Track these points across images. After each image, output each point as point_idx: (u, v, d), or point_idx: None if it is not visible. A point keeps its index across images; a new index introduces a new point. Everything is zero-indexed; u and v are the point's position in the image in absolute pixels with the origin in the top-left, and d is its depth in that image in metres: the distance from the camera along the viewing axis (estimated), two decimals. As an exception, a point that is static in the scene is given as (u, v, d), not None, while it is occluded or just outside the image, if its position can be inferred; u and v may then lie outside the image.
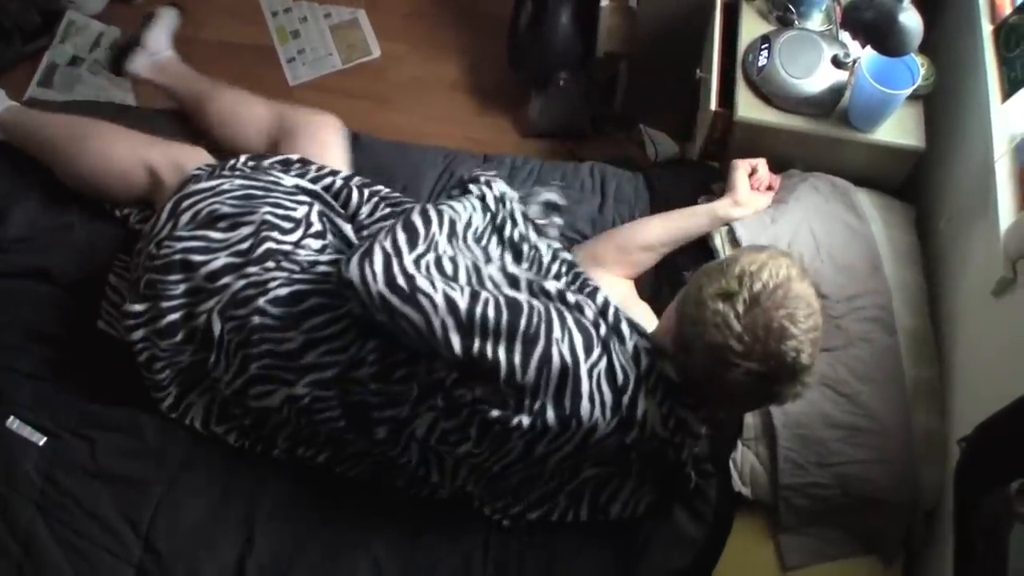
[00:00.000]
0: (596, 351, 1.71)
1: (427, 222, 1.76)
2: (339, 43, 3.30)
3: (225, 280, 1.89)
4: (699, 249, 2.16)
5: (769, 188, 2.20)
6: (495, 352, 1.65)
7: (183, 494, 1.98)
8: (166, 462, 2.00)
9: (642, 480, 1.94)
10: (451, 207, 1.86)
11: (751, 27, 2.39)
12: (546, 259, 1.98)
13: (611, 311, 1.80)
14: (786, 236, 2.11)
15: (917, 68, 2.13)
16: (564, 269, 1.96)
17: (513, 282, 1.81)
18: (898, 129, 2.24)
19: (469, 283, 1.73)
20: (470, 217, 1.91)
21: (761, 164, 2.19)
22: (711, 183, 2.31)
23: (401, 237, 1.70)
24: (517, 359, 1.65)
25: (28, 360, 2.10)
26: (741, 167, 2.16)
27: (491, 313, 1.65)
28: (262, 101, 2.40)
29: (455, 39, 3.35)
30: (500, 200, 2.01)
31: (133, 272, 2.02)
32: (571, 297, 1.78)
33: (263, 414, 1.94)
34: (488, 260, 1.88)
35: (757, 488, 2.00)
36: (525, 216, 2.04)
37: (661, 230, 2.13)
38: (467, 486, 1.94)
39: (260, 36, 3.28)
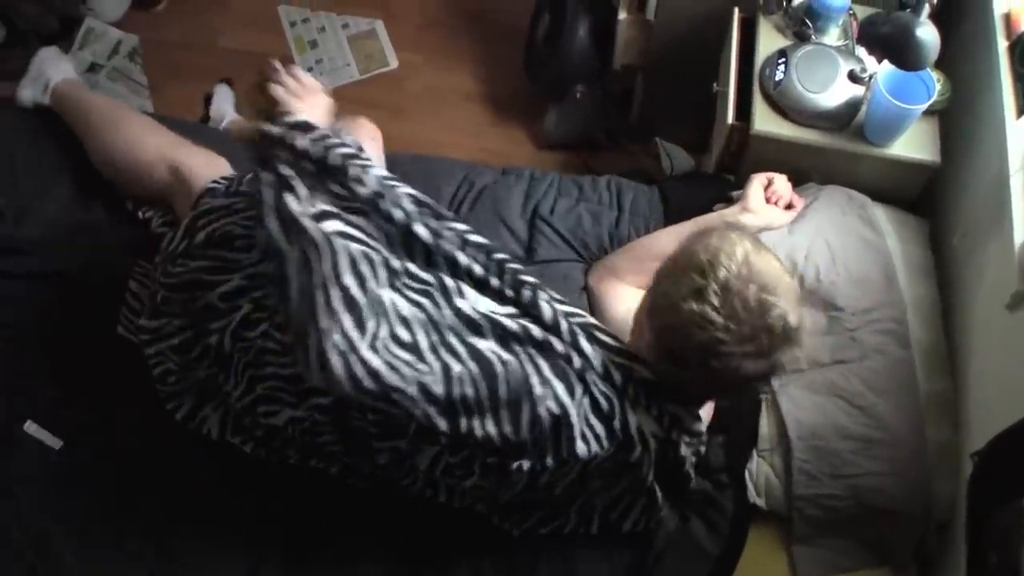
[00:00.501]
0: (578, 390, 1.69)
1: (361, 280, 1.60)
2: (357, 53, 3.35)
3: (237, 301, 1.91)
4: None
5: (790, 207, 2.21)
6: (484, 427, 1.63)
7: (197, 499, 2.02)
8: (180, 467, 2.04)
9: (652, 496, 1.93)
10: (367, 244, 1.70)
11: (768, 41, 2.43)
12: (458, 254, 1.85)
13: (564, 326, 1.75)
14: (803, 248, 2.15)
15: (933, 83, 2.17)
16: (484, 257, 1.85)
17: (475, 329, 1.73)
18: (913, 144, 2.28)
19: (433, 349, 1.65)
20: (384, 256, 1.75)
21: (779, 178, 2.21)
22: (726, 196, 2.34)
23: (347, 321, 1.54)
24: (507, 428, 1.64)
25: (45, 363, 2.13)
26: (757, 179, 2.19)
27: (469, 391, 1.61)
28: None
29: (471, 50, 3.39)
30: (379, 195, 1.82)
31: (151, 285, 2.06)
32: (537, 332, 1.73)
33: (272, 429, 1.97)
34: (436, 302, 1.76)
35: (771, 499, 2.04)
36: (417, 200, 1.86)
37: (674, 240, 2.15)
38: (476, 505, 1.97)
39: (278, 45, 3.33)
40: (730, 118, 2.39)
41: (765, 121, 2.33)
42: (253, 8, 3.40)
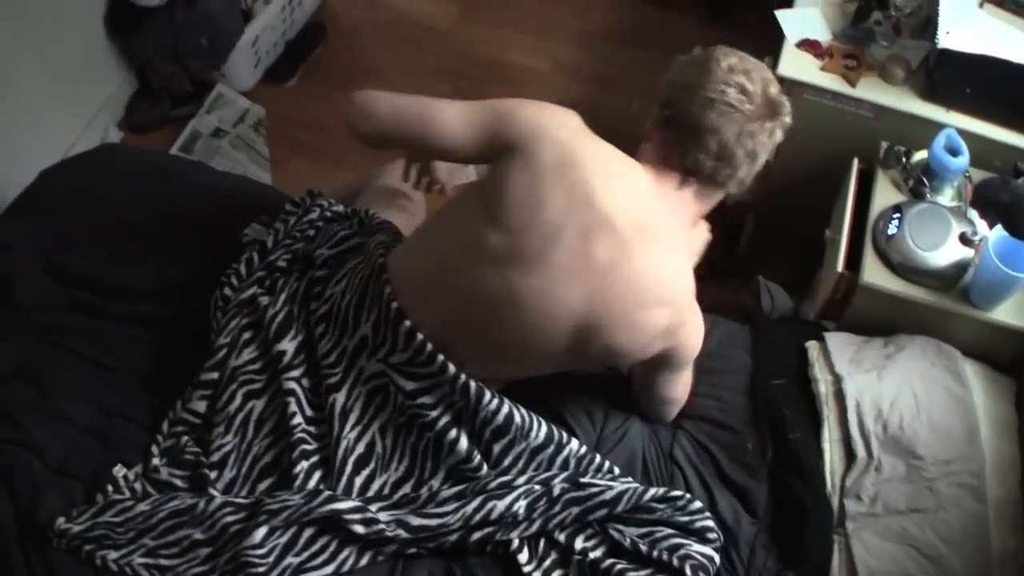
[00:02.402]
0: None
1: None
2: (479, 168, 3.54)
3: None
4: (801, 394, 2.39)
5: None
6: None
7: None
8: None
9: None
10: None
11: (884, 195, 2.63)
12: None
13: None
14: (890, 395, 2.31)
15: (1042, 253, 2.34)
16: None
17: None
18: (1015, 310, 2.43)
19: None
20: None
21: None
22: (815, 339, 2.51)
23: None
24: None
25: (140, 409, 2.29)
26: None
27: None
28: None
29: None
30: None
31: None
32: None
33: None
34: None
35: (836, 643, 2.16)
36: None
37: None
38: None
39: (398, 137, 3.59)
40: (840, 267, 2.56)
41: (874, 273, 2.50)
42: (380, 98, 3.69)
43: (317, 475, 2.11)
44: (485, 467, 2.11)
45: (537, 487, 2.08)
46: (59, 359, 2.33)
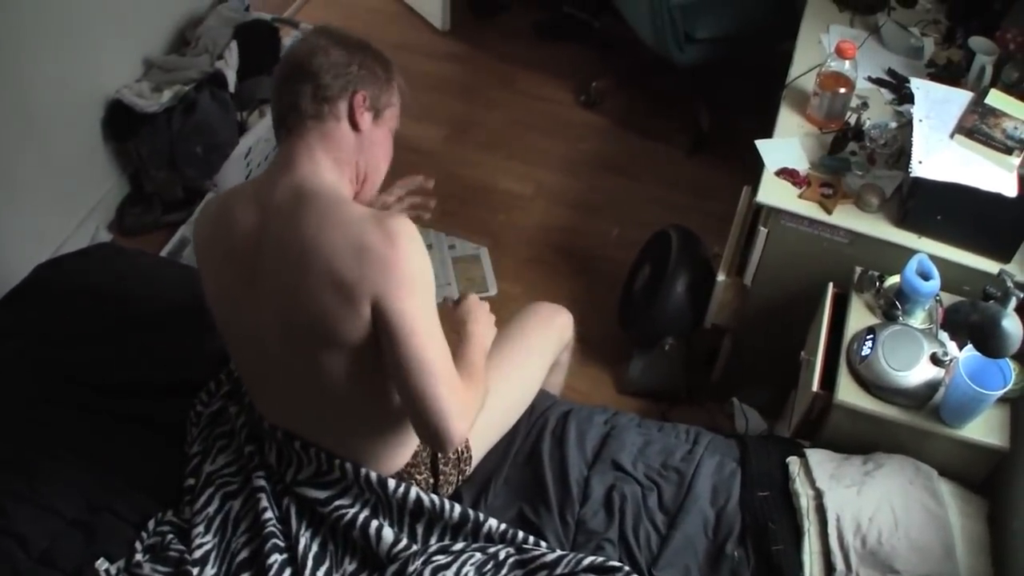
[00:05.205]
0: None
1: None
2: (459, 275, 3.67)
3: None
4: (785, 507, 2.44)
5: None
6: None
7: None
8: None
9: None
10: None
11: (858, 318, 2.70)
12: None
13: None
14: (869, 510, 2.35)
15: (1010, 372, 2.42)
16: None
17: None
18: (985, 428, 2.49)
19: None
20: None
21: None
22: (797, 455, 2.57)
23: None
24: None
25: (130, 507, 2.32)
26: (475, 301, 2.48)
27: None
28: None
29: (569, 290, 3.69)
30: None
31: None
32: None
33: None
34: None
35: None
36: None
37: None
38: None
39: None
40: (815, 386, 2.62)
41: (848, 393, 2.56)
42: (367, 213, 3.78)
43: (289, 571, 2.18)
44: (415, 547, 2.21)
45: (478, 555, 2.19)
46: (49, 451, 2.37)
